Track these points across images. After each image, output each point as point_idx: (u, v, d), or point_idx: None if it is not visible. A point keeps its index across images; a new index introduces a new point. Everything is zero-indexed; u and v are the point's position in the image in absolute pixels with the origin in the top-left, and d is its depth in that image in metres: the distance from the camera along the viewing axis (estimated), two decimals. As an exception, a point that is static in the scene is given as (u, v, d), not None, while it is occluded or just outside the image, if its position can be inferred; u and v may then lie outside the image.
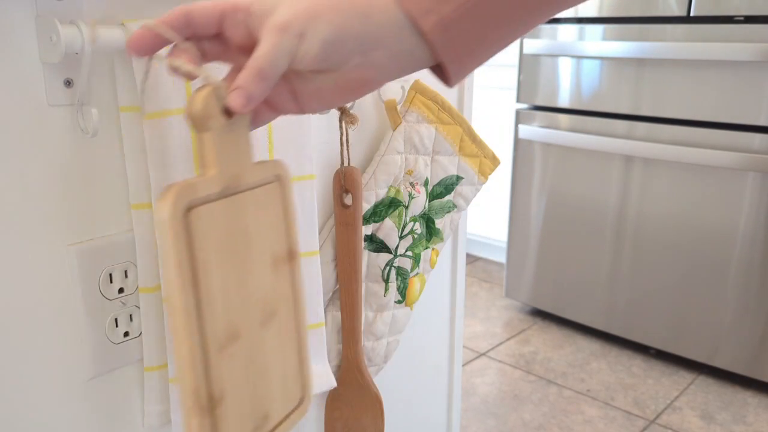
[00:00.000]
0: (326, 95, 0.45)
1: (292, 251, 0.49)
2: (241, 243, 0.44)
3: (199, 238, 0.40)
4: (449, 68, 0.44)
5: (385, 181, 0.72)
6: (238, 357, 0.44)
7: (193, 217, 0.40)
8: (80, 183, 0.53)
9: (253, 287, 0.45)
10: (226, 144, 0.43)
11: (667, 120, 1.62)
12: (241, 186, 0.44)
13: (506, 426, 1.49)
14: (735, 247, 1.56)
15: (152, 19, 0.41)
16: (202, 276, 0.40)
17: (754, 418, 1.51)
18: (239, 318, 0.44)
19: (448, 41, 0.43)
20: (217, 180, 0.42)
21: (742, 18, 1.47)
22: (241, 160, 0.44)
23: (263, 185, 0.46)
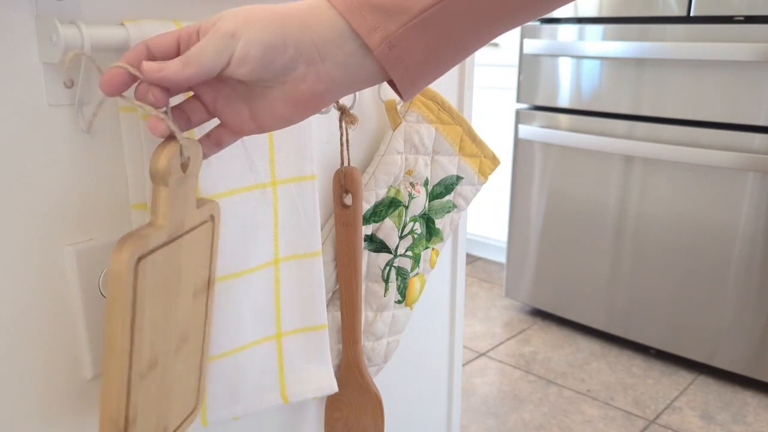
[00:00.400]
0: (280, 111, 0.45)
1: (210, 280, 0.52)
2: (174, 281, 0.48)
3: (142, 285, 0.44)
4: (399, 85, 0.44)
5: (385, 181, 0.72)
6: (153, 382, 0.48)
7: (140, 266, 0.44)
8: (80, 183, 0.53)
9: (175, 319, 0.49)
10: (178, 196, 0.46)
11: (667, 120, 1.62)
12: (183, 230, 0.48)
13: (506, 426, 1.49)
14: (735, 247, 1.56)
15: (119, 60, 0.43)
16: (138, 316, 0.44)
17: (754, 418, 1.51)
18: (159, 348, 0.48)
19: (396, 58, 0.42)
20: (166, 231, 0.46)
21: (742, 18, 1.47)
22: (187, 208, 0.47)
23: (200, 225, 0.50)
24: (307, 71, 0.43)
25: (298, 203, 0.63)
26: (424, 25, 0.41)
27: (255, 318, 0.62)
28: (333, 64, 0.43)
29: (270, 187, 0.60)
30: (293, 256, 0.64)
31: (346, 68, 0.43)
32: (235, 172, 0.58)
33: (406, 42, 0.42)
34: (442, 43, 0.43)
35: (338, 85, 0.44)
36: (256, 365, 0.63)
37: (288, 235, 0.63)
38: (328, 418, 0.77)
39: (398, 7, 0.41)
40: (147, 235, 0.44)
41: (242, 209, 0.59)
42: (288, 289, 0.64)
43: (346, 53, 0.43)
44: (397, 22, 0.41)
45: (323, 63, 0.43)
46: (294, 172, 0.62)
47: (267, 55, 0.42)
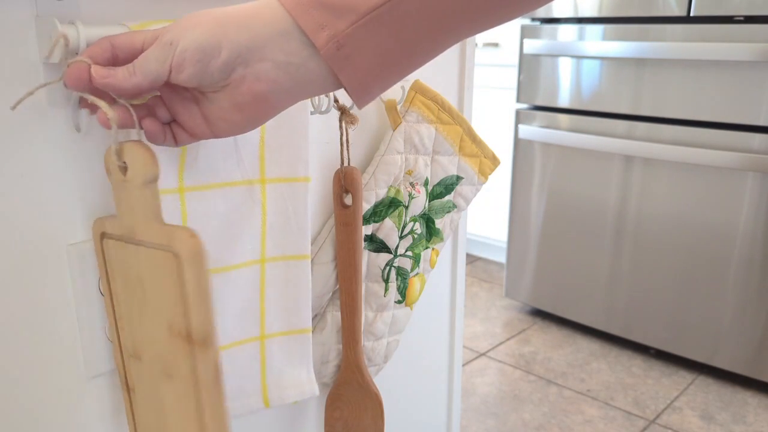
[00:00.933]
0: (229, 116, 0.44)
1: (192, 336, 0.45)
2: (138, 289, 0.48)
3: (109, 258, 0.50)
4: (348, 88, 0.42)
5: (385, 181, 0.72)
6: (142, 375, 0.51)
7: (104, 242, 0.49)
8: (80, 183, 0.53)
9: (149, 335, 0.49)
10: (124, 197, 0.47)
11: (667, 120, 1.62)
12: (138, 239, 0.47)
13: (506, 426, 1.49)
14: (735, 247, 1.56)
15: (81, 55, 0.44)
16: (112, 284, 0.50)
17: (754, 418, 1.51)
18: (141, 346, 0.50)
19: (344, 59, 0.41)
20: (117, 224, 0.48)
21: (742, 18, 1.47)
22: (135, 215, 0.47)
23: (161, 250, 0.45)
24: (245, 72, 0.42)
25: (288, 204, 0.62)
26: (373, 23, 0.40)
27: (238, 317, 0.62)
28: (273, 65, 0.42)
29: (258, 185, 0.60)
30: (281, 257, 0.63)
31: (288, 68, 0.42)
32: (224, 167, 0.57)
33: (354, 42, 0.40)
34: (394, 45, 0.41)
35: (282, 87, 0.43)
36: (238, 368, 0.62)
37: (276, 236, 0.62)
38: (328, 418, 0.77)
39: (347, 5, 0.40)
40: (107, 219, 0.49)
41: (227, 203, 0.58)
42: (273, 291, 0.63)
43: (287, 53, 0.41)
44: (346, 21, 0.40)
45: (261, 63, 0.42)
46: (285, 173, 0.61)
47: (202, 59, 0.41)
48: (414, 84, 0.73)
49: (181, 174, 0.55)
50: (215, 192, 0.57)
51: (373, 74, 0.42)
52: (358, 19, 0.40)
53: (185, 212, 0.56)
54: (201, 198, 0.56)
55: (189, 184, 0.55)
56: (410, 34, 0.41)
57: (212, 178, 0.57)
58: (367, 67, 0.42)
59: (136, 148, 0.44)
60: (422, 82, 0.73)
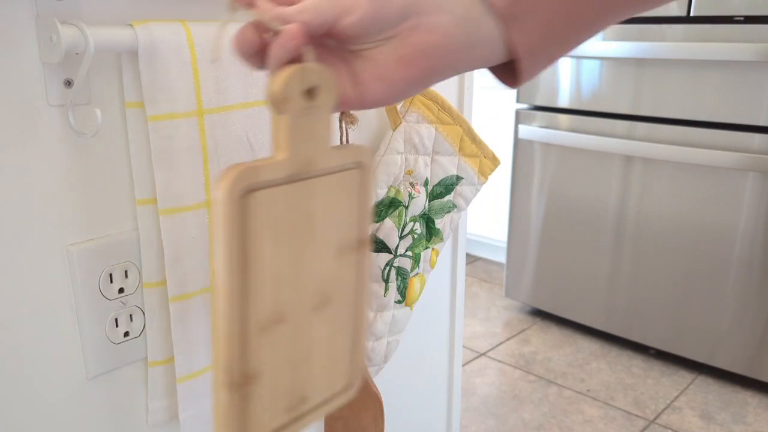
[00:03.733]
0: (390, 73, 0.40)
1: (361, 240, 0.47)
2: (304, 229, 0.43)
3: (256, 222, 0.40)
4: (519, 49, 0.40)
5: (385, 181, 0.72)
6: (281, 339, 0.43)
7: (252, 200, 0.39)
8: (80, 183, 0.53)
9: (309, 273, 0.44)
10: (302, 128, 0.41)
11: (667, 120, 1.62)
12: (314, 171, 0.42)
13: (506, 426, 1.49)
14: (735, 248, 1.56)
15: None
16: (253, 260, 0.40)
17: (754, 418, 1.51)
18: (288, 303, 0.43)
19: (517, 17, 0.39)
20: (286, 165, 0.41)
21: (742, 18, 1.47)
22: (317, 145, 0.42)
23: (340, 171, 0.44)
24: (419, 22, 0.39)
25: None
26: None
27: None
28: (450, 17, 0.39)
29: None
30: None
31: (464, 24, 0.40)
32: None
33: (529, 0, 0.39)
34: (565, 10, 0.39)
35: (455, 43, 0.40)
36: None
37: None
38: (328, 418, 0.77)
39: None
40: (259, 166, 0.39)
41: None
42: None
43: (465, 6, 0.39)
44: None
45: (439, 15, 0.39)
46: None
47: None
48: (414, 84, 0.73)
49: (208, 187, 0.55)
50: None
51: (544, 39, 0.40)
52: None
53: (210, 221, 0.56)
54: None
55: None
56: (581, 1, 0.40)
57: None
58: (540, 30, 0.40)
59: (323, 69, 0.41)
60: (422, 82, 0.73)
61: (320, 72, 0.41)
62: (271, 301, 0.42)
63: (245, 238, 0.39)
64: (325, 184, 0.44)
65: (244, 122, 0.58)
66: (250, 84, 0.58)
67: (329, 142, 0.43)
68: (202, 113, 0.54)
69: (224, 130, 0.56)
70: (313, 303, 0.45)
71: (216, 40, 0.49)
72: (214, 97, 0.55)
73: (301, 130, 0.41)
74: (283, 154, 0.41)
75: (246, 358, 0.41)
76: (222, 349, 0.40)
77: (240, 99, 0.57)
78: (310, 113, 0.41)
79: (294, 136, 0.41)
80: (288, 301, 0.43)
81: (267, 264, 0.41)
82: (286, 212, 0.42)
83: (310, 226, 0.44)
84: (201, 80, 0.54)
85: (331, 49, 0.42)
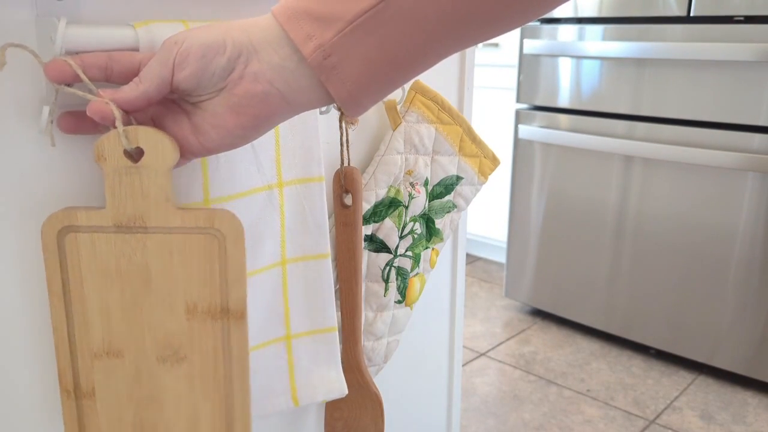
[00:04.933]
0: (222, 121, 0.44)
1: (229, 310, 0.49)
2: (137, 279, 0.48)
3: (77, 259, 0.47)
4: (335, 97, 0.43)
5: (385, 181, 0.72)
6: (118, 371, 0.49)
7: (71, 240, 0.47)
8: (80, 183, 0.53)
9: (148, 322, 0.49)
10: (128, 185, 0.46)
11: (667, 120, 1.62)
12: (148, 226, 0.47)
13: (506, 426, 1.49)
14: (735, 247, 1.56)
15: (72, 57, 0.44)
16: (75, 292, 0.47)
17: (754, 418, 1.51)
18: (123, 341, 0.49)
19: (331, 68, 0.41)
20: (107, 215, 0.46)
21: (742, 18, 1.47)
22: (148, 203, 0.46)
23: (183, 233, 0.47)
24: (244, 71, 0.43)
25: (305, 204, 0.63)
26: (359, 31, 0.40)
27: (263, 320, 0.62)
28: (269, 66, 0.43)
29: (276, 189, 0.60)
30: (301, 258, 0.64)
31: (283, 72, 0.43)
32: (245, 174, 0.58)
33: (341, 51, 0.41)
34: (381, 54, 0.41)
35: (278, 90, 0.43)
36: (266, 368, 0.63)
37: (295, 237, 0.63)
38: (328, 418, 0.77)
39: (333, 14, 0.40)
40: (76, 211, 0.46)
41: (250, 211, 0.59)
42: (296, 291, 0.64)
43: (282, 57, 0.42)
44: (333, 30, 0.40)
45: (260, 63, 0.43)
46: (300, 174, 0.62)
47: (206, 54, 0.42)
48: (414, 84, 0.73)
49: (206, 186, 0.55)
50: (239, 201, 0.57)
51: (361, 84, 0.42)
52: (344, 27, 0.40)
53: None
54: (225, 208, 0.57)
55: (215, 196, 0.56)
56: (397, 41, 0.41)
57: (235, 187, 0.57)
58: (355, 76, 0.42)
59: (155, 133, 0.44)
60: (422, 82, 0.73)
61: (148, 136, 0.45)
62: (102, 333, 0.48)
63: (66, 271, 0.47)
64: (162, 242, 0.47)
65: None
66: None
67: (166, 200, 0.47)
68: None
69: None
70: (156, 352, 0.49)
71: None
72: None
73: (126, 186, 0.46)
74: (107, 208, 0.46)
75: (78, 373, 0.49)
76: (58, 358, 0.49)
77: None
78: (136, 172, 0.46)
79: (116, 192, 0.46)
80: (123, 339, 0.49)
81: (92, 299, 0.47)
82: (113, 259, 0.47)
83: (144, 278, 0.48)
84: None
85: (175, 102, 0.46)
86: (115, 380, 0.50)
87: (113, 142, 0.45)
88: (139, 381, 0.50)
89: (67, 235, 0.46)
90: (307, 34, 0.41)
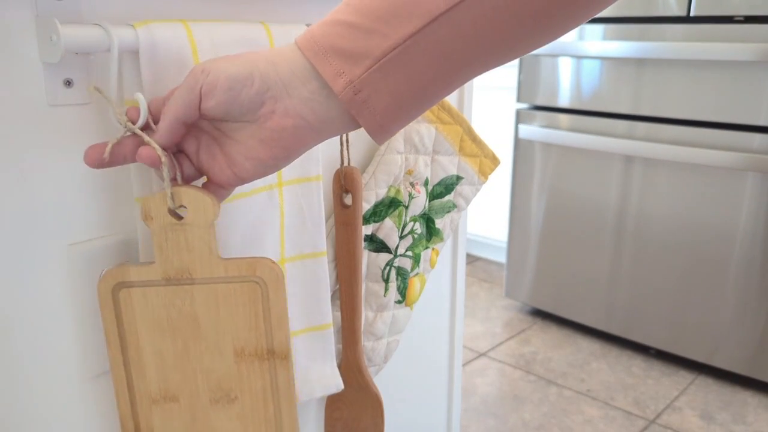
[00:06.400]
0: (255, 153, 0.46)
1: (274, 351, 0.53)
2: (187, 327, 0.51)
3: (131, 313, 0.50)
4: (367, 130, 0.44)
5: (385, 181, 0.72)
6: (174, 415, 0.53)
7: (125, 295, 0.50)
8: (80, 183, 0.53)
9: (199, 367, 0.52)
10: (174, 240, 0.49)
11: (667, 120, 1.62)
12: (193, 279, 0.50)
13: (506, 426, 1.49)
14: (735, 247, 1.56)
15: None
16: (131, 343, 0.51)
17: (754, 418, 1.52)
18: (178, 386, 0.53)
19: (361, 103, 0.43)
20: (157, 270, 0.50)
21: (742, 18, 1.47)
22: (193, 256, 0.50)
23: (226, 283, 0.51)
24: (275, 107, 0.44)
25: (303, 204, 0.63)
26: (387, 68, 0.41)
27: None
28: (299, 100, 0.44)
29: (276, 189, 0.61)
30: (298, 257, 0.64)
31: (312, 105, 0.44)
32: None
33: (370, 86, 0.42)
34: (409, 87, 0.42)
35: (308, 123, 0.44)
36: None
37: (293, 236, 0.63)
38: (328, 418, 0.77)
39: (362, 51, 0.41)
40: (129, 267, 0.49)
41: (251, 211, 0.59)
42: (293, 290, 0.64)
43: (310, 90, 0.43)
44: (362, 67, 0.41)
45: (290, 98, 0.44)
46: (299, 174, 0.62)
47: (234, 87, 0.43)
48: (414, 84, 0.73)
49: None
50: (240, 201, 0.58)
51: (390, 114, 0.44)
52: (373, 64, 0.41)
53: None
54: (227, 210, 0.57)
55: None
56: (422, 75, 0.42)
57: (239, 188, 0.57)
58: (384, 109, 0.43)
59: (196, 192, 0.48)
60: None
61: (189, 195, 0.48)
62: (158, 380, 0.52)
63: (122, 323, 0.50)
64: (208, 292, 0.51)
65: None
66: None
67: (211, 253, 0.50)
68: None
69: None
70: (208, 395, 0.53)
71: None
72: None
73: (172, 242, 0.49)
74: (156, 263, 0.50)
75: (138, 418, 0.53)
76: (119, 406, 0.53)
77: None
78: (181, 229, 0.49)
79: (164, 247, 0.49)
80: (177, 384, 0.52)
81: (147, 348, 0.51)
82: (164, 310, 0.51)
83: (194, 326, 0.51)
84: None
85: (209, 133, 0.47)
86: (173, 423, 0.53)
87: (159, 203, 0.48)
88: (194, 422, 0.54)
89: (120, 291, 0.50)
90: (336, 71, 0.42)
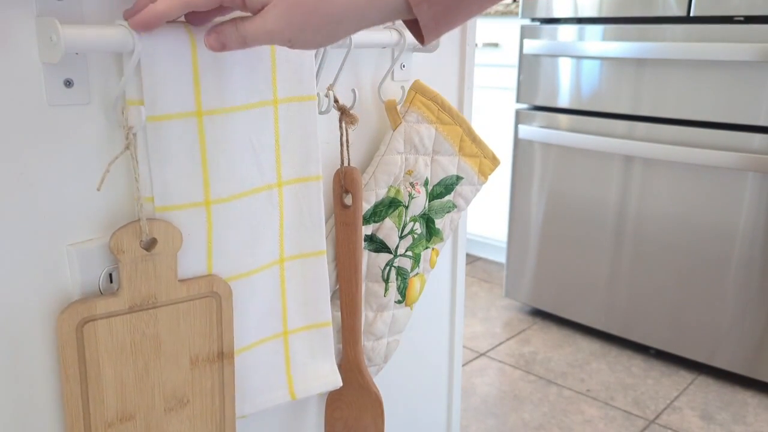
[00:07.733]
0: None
1: (222, 353, 0.58)
2: (149, 347, 0.53)
3: (95, 345, 0.51)
4: (417, 13, 0.44)
5: (385, 181, 0.72)
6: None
7: (86, 329, 0.51)
8: (80, 183, 0.53)
9: (158, 381, 0.54)
10: (143, 270, 0.52)
11: (667, 120, 1.62)
12: (156, 302, 0.53)
13: (506, 426, 1.49)
14: (734, 247, 1.56)
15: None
16: (92, 373, 0.51)
17: (754, 418, 1.52)
18: (136, 404, 0.54)
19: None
20: (123, 300, 0.51)
21: (742, 18, 1.47)
22: (160, 282, 0.53)
23: (188, 301, 0.54)
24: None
25: (302, 203, 0.63)
26: None
27: (261, 317, 0.63)
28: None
29: (276, 188, 0.61)
30: (298, 256, 0.64)
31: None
32: (245, 175, 0.58)
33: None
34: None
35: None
36: (263, 363, 0.64)
37: (293, 235, 0.64)
38: (328, 418, 0.77)
39: None
40: (95, 302, 0.50)
41: (250, 211, 0.59)
42: (293, 288, 0.65)
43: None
44: None
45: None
46: (299, 173, 0.63)
47: None
48: (414, 84, 0.73)
49: (207, 188, 0.55)
50: (239, 201, 0.58)
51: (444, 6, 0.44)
52: None
53: (211, 225, 0.56)
54: (226, 209, 0.57)
55: (215, 197, 0.56)
56: None
57: (236, 188, 0.57)
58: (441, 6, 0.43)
59: (166, 225, 0.50)
60: (422, 82, 0.73)
61: (165, 226, 0.51)
62: (116, 404, 0.53)
63: (84, 357, 0.51)
64: (170, 312, 0.54)
65: (247, 123, 0.58)
66: (253, 85, 0.58)
67: (175, 277, 0.53)
68: (201, 114, 0.54)
69: (225, 131, 0.56)
70: (164, 405, 0.55)
71: None
72: (215, 98, 0.55)
73: (141, 272, 0.51)
74: (122, 293, 0.51)
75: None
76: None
77: (242, 100, 0.57)
78: (150, 260, 0.51)
79: (133, 278, 0.51)
80: (135, 403, 0.54)
81: (107, 376, 0.52)
82: (128, 336, 0.52)
83: (155, 345, 0.54)
84: (201, 81, 0.54)
85: None
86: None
87: (131, 237, 0.50)
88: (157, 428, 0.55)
89: (84, 326, 0.51)
90: None
